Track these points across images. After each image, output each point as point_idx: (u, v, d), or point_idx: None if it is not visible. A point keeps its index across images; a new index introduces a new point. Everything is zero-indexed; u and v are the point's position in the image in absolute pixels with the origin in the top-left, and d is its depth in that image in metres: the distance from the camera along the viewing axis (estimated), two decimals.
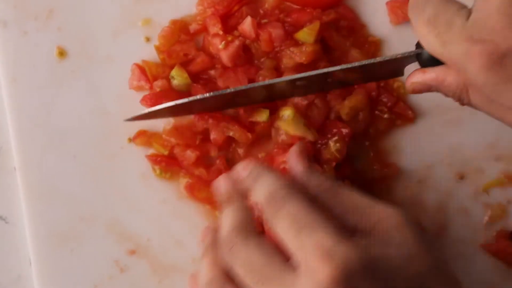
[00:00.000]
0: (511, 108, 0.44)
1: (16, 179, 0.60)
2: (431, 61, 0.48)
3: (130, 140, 0.60)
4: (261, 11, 0.61)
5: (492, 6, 0.43)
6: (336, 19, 0.61)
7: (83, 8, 0.61)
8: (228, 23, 0.60)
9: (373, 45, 0.61)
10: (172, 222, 0.60)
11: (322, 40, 0.60)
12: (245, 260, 0.45)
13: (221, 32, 0.58)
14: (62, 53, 0.60)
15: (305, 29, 0.58)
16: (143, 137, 0.60)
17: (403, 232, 0.46)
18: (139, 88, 0.60)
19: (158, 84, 0.59)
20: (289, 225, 0.44)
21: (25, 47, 0.60)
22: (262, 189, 0.47)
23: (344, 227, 0.45)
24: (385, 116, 0.60)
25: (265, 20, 0.60)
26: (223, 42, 0.58)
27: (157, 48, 0.60)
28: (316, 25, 0.58)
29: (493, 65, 0.43)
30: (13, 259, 0.61)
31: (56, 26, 0.61)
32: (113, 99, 0.60)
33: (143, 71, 0.60)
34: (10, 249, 0.61)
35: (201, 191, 0.59)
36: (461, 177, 0.61)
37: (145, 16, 0.61)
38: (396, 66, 0.53)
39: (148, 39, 0.61)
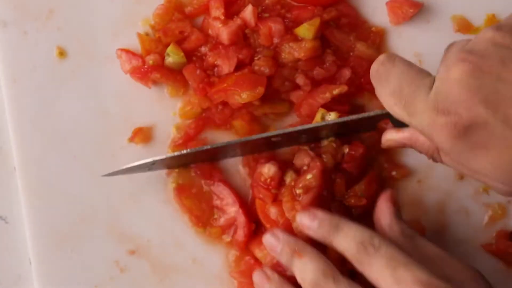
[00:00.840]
0: (479, 172, 0.45)
1: (16, 179, 0.60)
2: (402, 122, 0.49)
3: (130, 140, 0.60)
4: (263, 6, 0.61)
5: (453, 77, 0.43)
6: (337, 17, 0.61)
7: (83, 8, 0.61)
8: (230, 10, 0.60)
9: (378, 36, 0.61)
10: (172, 223, 0.60)
11: (323, 38, 0.60)
12: None
13: (222, 17, 0.59)
14: (62, 53, 0.60)
15: (305, 25, 0.58)
16: (141, 134, 0.60)
17: (480, 283, 0.50)
18: (134, 70, 0.59)
19: (151, 58, 0.59)
20: (385, 264, 0.47)
21: (25, 47, 0.60)
22: (349, 238, 0.50)
23: None
24: None
25: (266, 15, 0.60)
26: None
27: (152, 27, 0.61)
28: (316, 21, 0.58)
29: (457, 135, 0.43)
30: (13, 259, 0.61)
31: (56, 26, 0.61)
32: (113, 99, 0.60)
33: (129, 51, 0.60)
34: (10, 249, 0.61)
35: (188, 198, 0.59)
36: (461, 177, 0.61)
37: (145, 15, 0.61)
38: (370, 122, 0.55)
39: None
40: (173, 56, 0.59)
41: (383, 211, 0.54)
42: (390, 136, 0.52)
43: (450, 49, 0.46)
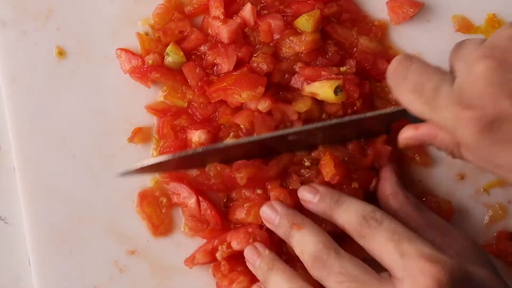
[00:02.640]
0: (503, 167, 0.45)
1: (15, 179, 0.59)
2: (419, 119, 0.49)
3: (129, 140, 0.60)
4: (262, 4, 0.60)
5: (477, 72, 0.44)
6: (338, 12, 0.60)
7: (82, 8, 0.61)
8: (229, 9, 0.60)
9: (380, 29, 0.61)
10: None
11: (325, 35, 0.60)
12: (341, 270, 0.48)
13: (222, 16, 0.58)
14: (61, 53, 0.60)
15: (304, 15, 0.58)
16: (140, 134, 0.60)
17: (481, 254, 0.51)
18: (134, 70, 0.59)
19: (150, 57, 0.59)
20: (389, 238, 0.47)
21: (24, 47, 0.60)
22: (351, 212, 0.50)
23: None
24: None
25: (265, 11, 0.60)
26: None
27: (152, 27, 0.60)
28: (315, 12, 0.58)
29: (483, 129, 0.44)
30: (13, 260, 0.61)
31: (55, 26, 0.60)
32: (113, 99, 0.60)
33: (128, 51, 0.60)
34: (10, 249, 0.61)
35: (149, 206, 0.59)
36: (462, 177, 0.60)
37: (144, 15, 0.61)
38: (384, 121, 0.54)
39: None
40: (172, 56, 0.59)
41: (386, 181, 0.55)
42: (408, 134, 0.51)
43: (464, 47, 0.47)
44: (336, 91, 0.55)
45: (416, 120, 0.49)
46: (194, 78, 0.58)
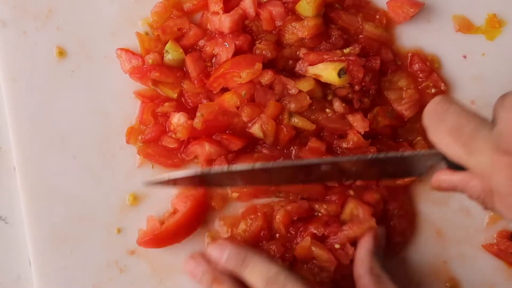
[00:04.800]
0: None
1: (16, 179, 0.59)
2: (457, 165, 0.47)
3: (126, 141, 0.60)
4: None
5: None
6: None
7: (82, 8, 0.61)
8: (228, 4, 0.60)
9: (384, 16, 0.61)
10: None
11: (329, 21, 0.60)
12: None
13: (221, 12, 0.58)
14: (61, 53, 0.60)
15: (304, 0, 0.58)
16: (134, 133, 0.60)
17: None
18: (134, 70, 0.59)
19: (150, 57, 0.59)
20: None
21: (25, 47, 0.60)
22: (256, 274, 0.51)
23: None
24: (432, 91, 0.60)
25: (264, 0, 0.60)
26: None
27: (151, 26, 0.61)
28: None
29: None
30: (13, 259, 0.61)
31: (56, 26, 0.60)
32: (113, 99, 0.60)
33: (129, 51, 0.60)
34: (10, 249, 0.61)
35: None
36: None
37: (144, 15, 0.61)
38: (421, 163, 0.53)
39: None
40: (172, 53, 0.59)
41: (362, 245, 0.55)
42: (442, 177, 0.50)
43: (509, 97, 0.45)
44: (339, 74, 0.55)
45: (454, 165, 0.48)
46: (196, 69, 0.58)
